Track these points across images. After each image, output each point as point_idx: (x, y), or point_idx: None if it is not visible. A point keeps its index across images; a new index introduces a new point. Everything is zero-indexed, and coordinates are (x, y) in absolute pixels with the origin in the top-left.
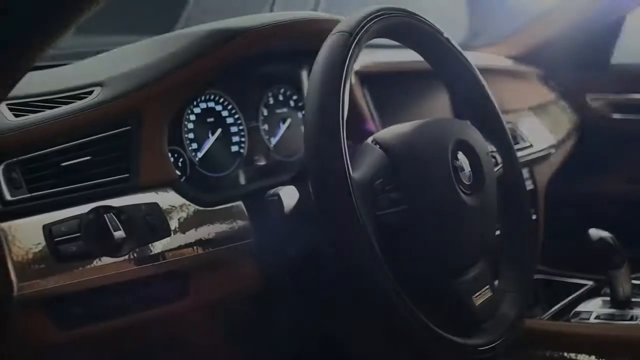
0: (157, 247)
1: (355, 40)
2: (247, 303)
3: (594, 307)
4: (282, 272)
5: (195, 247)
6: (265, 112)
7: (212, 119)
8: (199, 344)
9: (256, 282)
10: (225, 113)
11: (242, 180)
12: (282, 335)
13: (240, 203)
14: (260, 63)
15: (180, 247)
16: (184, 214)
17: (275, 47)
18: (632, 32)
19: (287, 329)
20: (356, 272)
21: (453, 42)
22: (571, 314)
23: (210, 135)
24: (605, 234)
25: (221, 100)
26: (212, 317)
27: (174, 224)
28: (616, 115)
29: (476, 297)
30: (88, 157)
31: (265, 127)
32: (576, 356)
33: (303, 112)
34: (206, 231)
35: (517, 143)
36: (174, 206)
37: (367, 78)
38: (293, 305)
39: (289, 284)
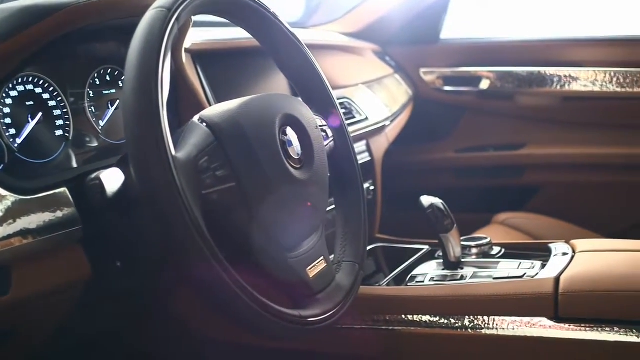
0: None
1: (175, 17)
2: (77, 291)
3: (429, 270)
4: (110, 258)
5: (15, 239)
6: (92, 94)
7: (31, 102)
8: (30, 337)
9: (85, 270)
10: (46, 95)
11: (68, 165)
12: (116, 321)
13: (64, 189)
14: (82, 41)
15: None
16: (1, 205)
17: (96, 24)
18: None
19: (119, 314)
20: (183, 253)
21: (280, 18)
22: (408, 278)
23: (30, 119)
24: (435, 200)
25: (41, 82)
26: (40, 308)
27: None
28: (447, 88)
29: (310, 269)
30: None
31: (92, 109)
32: (413, 317)
33: None
34: (28, 221)
35: (352, 117)
36: None
37: (201, 56)
38: (125, 291)
39: (119, 269)
